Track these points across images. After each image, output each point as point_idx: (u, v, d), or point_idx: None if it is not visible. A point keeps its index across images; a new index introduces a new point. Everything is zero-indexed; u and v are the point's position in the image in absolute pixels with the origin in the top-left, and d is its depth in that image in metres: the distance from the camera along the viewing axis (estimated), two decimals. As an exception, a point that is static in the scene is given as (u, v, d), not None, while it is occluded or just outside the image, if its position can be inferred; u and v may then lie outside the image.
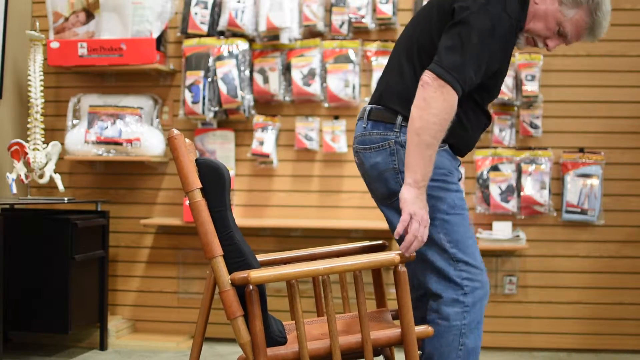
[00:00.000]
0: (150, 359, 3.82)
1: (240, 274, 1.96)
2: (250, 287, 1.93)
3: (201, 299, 2.26)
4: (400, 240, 2.04)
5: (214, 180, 2.05)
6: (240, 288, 1.98)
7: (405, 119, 2.14)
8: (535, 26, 2.21)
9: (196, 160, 2.08)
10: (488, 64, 2.09)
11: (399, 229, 2.01)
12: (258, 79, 4.09)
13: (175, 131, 2.00)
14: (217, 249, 1.98)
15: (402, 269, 1.97)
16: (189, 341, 4.11)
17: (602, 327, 4.01)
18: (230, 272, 1.99)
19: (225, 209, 2.06)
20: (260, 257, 2.37)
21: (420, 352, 2.06)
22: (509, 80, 3.95)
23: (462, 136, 2.23)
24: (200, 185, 1.99)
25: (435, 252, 2.13)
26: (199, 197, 1.98)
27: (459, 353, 2.06)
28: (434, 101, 2.01)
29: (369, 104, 2.30)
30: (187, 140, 2.17)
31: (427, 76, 2.04)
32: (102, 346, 3.95)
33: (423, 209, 2.01)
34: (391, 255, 1.97)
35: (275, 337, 2.02)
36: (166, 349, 3.99)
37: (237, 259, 2.03)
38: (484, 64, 2.08)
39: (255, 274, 1.92)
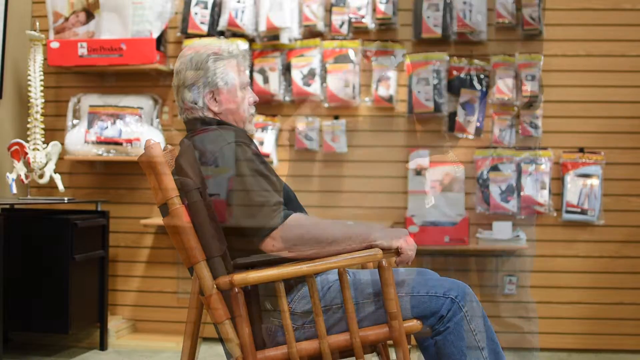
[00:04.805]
0: (150, 359, 3.82)
1: (225, 278, 1.95)
2: (235, 289, 1.92)
3: (188, 304, 2.24)
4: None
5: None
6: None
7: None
8: (238, 108, 2.22)
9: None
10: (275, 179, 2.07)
11: (405, 262, 2.02)
12: (258, 79, 4.09)
13: (152, 140, 2.01)
14: (200, 253, 1.97)
15: (386, 263, 1.97)
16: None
17: (602, 327, 4.01)
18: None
19: None
20: (258, 258, 2.35)
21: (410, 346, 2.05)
22: (509, 81, 3.95)
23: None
24: (177, 193, 1.98)
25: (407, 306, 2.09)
26: (178, 203, 1.98)
27: (477, 337, 2.04)
28: (295, 237, 1.98)
29: None
30: (169, 145, 2.18)
31: (264, 243, 2.00)
32: (102, 346, 3.95)
33: (393, 233, 2.01)
34: (373, 251, 1.96)
35: None
36: (166, 349, 4.00)
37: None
38: (273, 178, 2.06)
39: (239, 277, 1.91)
